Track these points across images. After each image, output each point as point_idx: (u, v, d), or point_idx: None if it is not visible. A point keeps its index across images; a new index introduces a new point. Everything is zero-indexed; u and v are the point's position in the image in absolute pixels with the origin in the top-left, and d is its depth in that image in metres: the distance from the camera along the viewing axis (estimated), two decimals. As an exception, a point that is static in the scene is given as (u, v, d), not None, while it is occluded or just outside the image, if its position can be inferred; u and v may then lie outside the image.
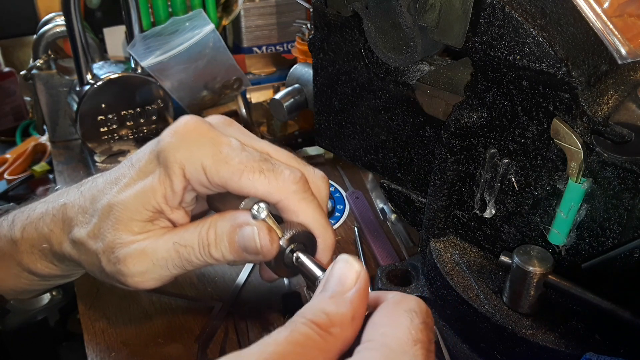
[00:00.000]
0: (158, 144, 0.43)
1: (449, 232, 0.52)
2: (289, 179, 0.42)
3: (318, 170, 0.47)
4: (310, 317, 0.30)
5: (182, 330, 0.56)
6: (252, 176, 0.41)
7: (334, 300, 0.31)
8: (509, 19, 0.38)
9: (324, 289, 0.33)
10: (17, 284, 0.52)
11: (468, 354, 0.48)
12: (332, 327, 0.30)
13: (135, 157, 0.45)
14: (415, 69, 0.54)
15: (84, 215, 0.45)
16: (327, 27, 0.56)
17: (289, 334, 0.29)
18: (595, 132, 0.38)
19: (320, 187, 0.46)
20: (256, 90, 0.93)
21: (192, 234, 0.43)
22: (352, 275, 0.33)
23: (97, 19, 1.09)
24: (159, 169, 0.43)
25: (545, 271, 0.42)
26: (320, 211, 0.43)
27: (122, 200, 0.43)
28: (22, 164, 1.04)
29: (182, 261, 0.43)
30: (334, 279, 0.33)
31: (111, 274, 0.44)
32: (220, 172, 0.41)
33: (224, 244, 0.42)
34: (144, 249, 0.42)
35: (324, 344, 0.29)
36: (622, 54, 0.40)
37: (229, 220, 0.42)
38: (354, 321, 0.31)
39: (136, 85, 0.83)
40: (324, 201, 0.46)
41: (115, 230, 0.43)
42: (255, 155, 0.42)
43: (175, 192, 0.42)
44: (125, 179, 0.44)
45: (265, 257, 0.41)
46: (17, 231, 0.49)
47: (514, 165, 0.44)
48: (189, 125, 0.43)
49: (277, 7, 1.07)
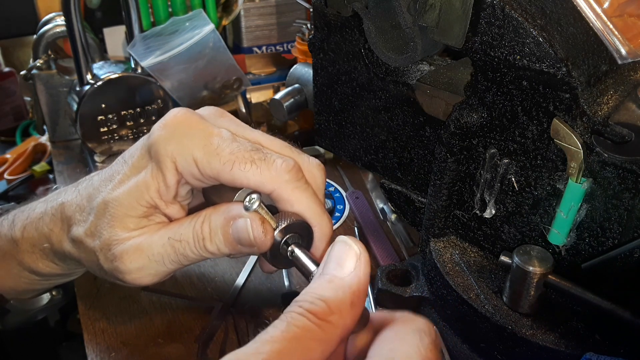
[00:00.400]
0: (149, 138, 0.43)
1: (449, 232, 0.52)
2: (282, 167, 0.41)
3: (313, 158, 0.46)
4: (308, 306, 0.29)
5: (182, 330, 0.56)
6: (244, 167, 0.40)
7: (332, 285, 0.30)
8: (509, 19, 0.38)
9: (322, 272, 0.32)
10: (17, 283, 0.52)
11: (468, 354, 0.48)
12: (331, 315, 0.29)
13: (128, 153, 0.45)
14: (415, 69, 0.54)
15: (81, 214, 0.45)
16: (327, 27, 0.56)
17: (285, 328, 0.28)
18: (595, 132, 0.38)
19: (315, 175, 0.45)
20: (256, 90, 0.94)
21: (187, 229, 0.42)
22: (352, 257, 0.31)
23: (97, 19, 1.09)
24: (150, 163, 0.42)
25: (545, 271, 0.42)
26: (316, 199, 0.43)
27: (116, 197, 0.42)
28: (22, 164, 1.04)
29: (178, 256, 0.43)
30: (332, 261, 0.32)
31: (109, 271, 0.44)
32: (212, 163, 0.41)
33: (218, 237, 0.42)
34: (140, 245, 0.42)
35: (322, 333, 0.29)
36: (622, 54, 0.40)
37: (222, 213, 0.42)
38: (353, 307, 0.30)
39: (136, 85, 0.83)
40: (320, 189, 0.45)
41: (111, 227, 0.42)
42: (247, 146, 0.42)
43: (168, 186, 0.42)
44: (119, 176, 0.44)
45: (259, 249, 0.40)
46: (17, 231, 0.49)
47: (514, 165, 0.44)
48: (179, 117, 0.43)
49: (277, 7, 1.07)
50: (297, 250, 0.40)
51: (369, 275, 0.32)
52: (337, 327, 0.29)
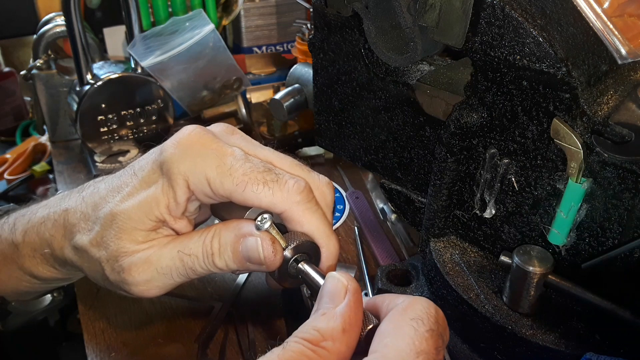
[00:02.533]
0: (161, 155, 0.43)
1: (449, 232, 0.52)
2: (293, 189, 0.42)
3: (323, 176, 0.47)
4: (302, 335, 0.31)
5: (182, 330, 0.56)
6: (256, 188, 0.41)
7: (324, 317, 0.32)
8: (509, 19, 0.38)
9: (317, 308, 0.34)
10: (18, 286, 0.52)
11: (468, 354, 0.48)
12: (324, 341, 0.31)
13: (138, 165, 0.45)
14: (415, 69, 0.54)
15: (86, 222, 0.45)
16: (327, 27, 0.56)
17: (281, 353, 0.30)
18: (595, 132, 0.38)
19: (325, 193, 0.46)
20: (256, 90, 0.94)
21: (196, 243, 0.43)
22: (341, 290, 0.34)
23: (97, 19, 1.09)
24: (162, 179, 0.42)
25: (545, 271, 0.42)
26: (325, 220, 0.43)
27: (124, 210, 0.42)
28: (22, 164, 1.04)
29: (187, 270, 0.43)
30: (325, 297, 0.34)
31: (115, 282, 0.44)
32: (225, 183, 0.41)
33: (227, 254, 0.42)
34: (148, 258, 0.43)
35: (316, 358, 0.30)
36: (622, 54, 0.40)
37: (232, 230, 0.42)
38: (345, 333, 0.32)
39: (136, 85, 0.83)
40: (329, 207, 0.46)
41: (118, 240, 0.43)
42: (259, 166, 0.42)
43: (178, 203, 0.42)
44: (127, 188, 0.44)
45: (268, 268, 0.41)
46: (18, 235, 0.49)
47: (514, 165, 0.44)
48: (193, 136, 0.43)
49: (277, 7, 1.07)
50: (306, 266, 0.41)
51: (360, 302, 0.34)
52: (331, 352, 0.31)
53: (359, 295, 0.34)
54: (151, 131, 0.86)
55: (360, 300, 0.34)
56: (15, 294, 0.54)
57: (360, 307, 0.34)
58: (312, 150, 0.87)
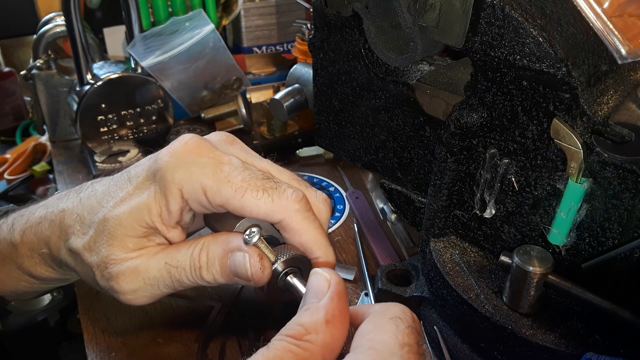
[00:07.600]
0: (156, 163, 0.43)
1: (449, 232, 0.52)
2: (292, 197, 0.41)
3: (320, 192, 0.46)
4: (286, 332, 0.32)
5: (182, 330, 0.56)
6: (255, 194, 0.41)
7: (308, 311, 0.33)
8: (509, 19, 0.38)
9: (302, 305, 0.34)
10: (17, 286, 0.52)
11: (468, 354, 0.48)
12: (307, 334, 0.31)
13: (134, 171, 0.45)
14: (415, 69, 0.54)
15: (81, 225, 0.45)
16: (327, 27, 0.56)
17: (266, 352, 0.31)
18: (595, 132, 0.38)
19: (321, 210, 0.45)
20: (256, 90, 0.94)
21: (184, 255, 0.42)
22: (324, 284, 0.34)
23: (97, 19, 1.09)
24: (154, 186, 0.42)
25: (545, 271, 0.42)
26: (322, 231, 0.43)
27: (116, 216, 0.42)
28: (22, 164, 1.04)
29: (173, 281, 0.43)
30: (310, 293, 0.34)
31: (104, 288, 0.44)
32: (222, 191, 0.41)
33: (215, 268, 0.42)
34: (137, 268, 0.43)
35: (302, 352, 0.31)
36: (622, 54, 0.40)
37: (221, 244, 0.42)
38: (329, 324, 0.32)
39: (136, 85, 0.83)
40: (325, 223, 0.46)
41: (109, 246, 0.43)
42: (258, 174, 0.42)
43: (171, 212, 0.42)
44: (121, 194, 0.44)
45: (256, 284, 0.41)
46: (16, 235, 0.49)
47: (514, 165, 0.44)
48: (189, 145, 0.43)
49: (277, 7, 1.07)
50: (295, 279, 0.41)
51: (343, 294, 0.34)
52: (315, 344, 0.31)
53: (341, 287, 0.34)
54: (151, 131, 0.86)
55: (343, 291, 0.34)
56: (14, 294, 0.54)
57: (344, 298, 0.34)
58: (312, 150, 0.87)
